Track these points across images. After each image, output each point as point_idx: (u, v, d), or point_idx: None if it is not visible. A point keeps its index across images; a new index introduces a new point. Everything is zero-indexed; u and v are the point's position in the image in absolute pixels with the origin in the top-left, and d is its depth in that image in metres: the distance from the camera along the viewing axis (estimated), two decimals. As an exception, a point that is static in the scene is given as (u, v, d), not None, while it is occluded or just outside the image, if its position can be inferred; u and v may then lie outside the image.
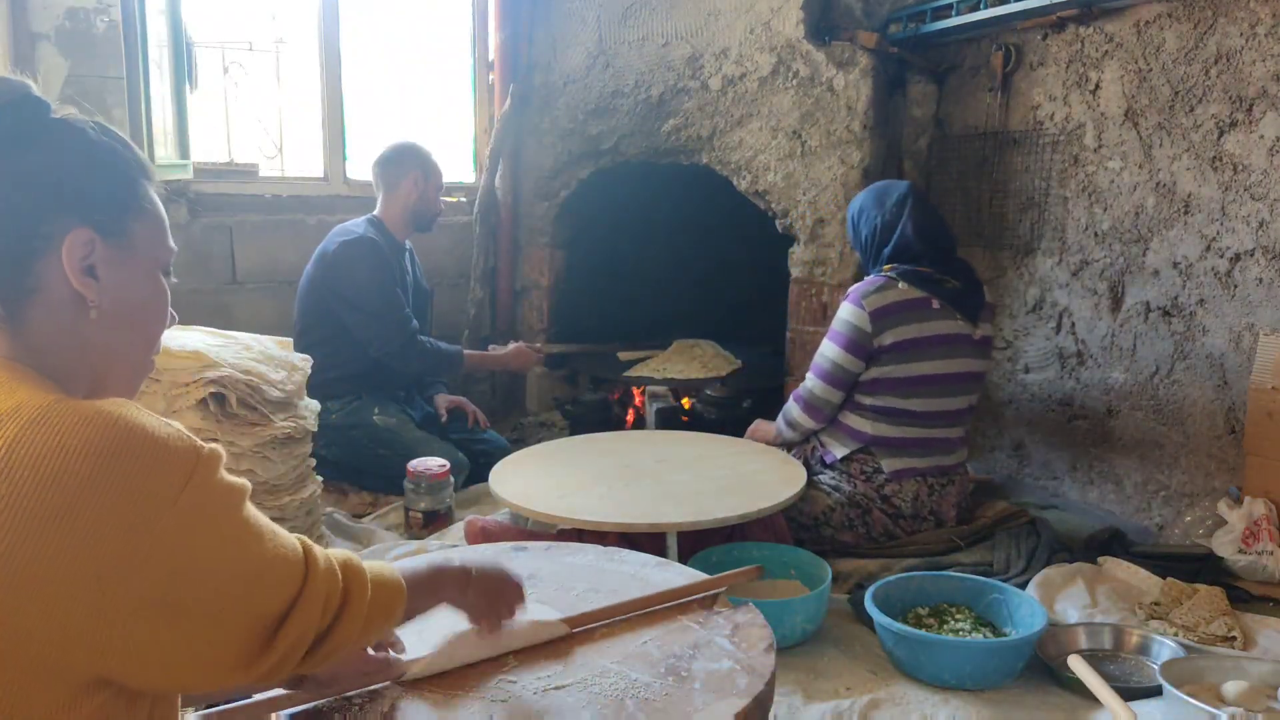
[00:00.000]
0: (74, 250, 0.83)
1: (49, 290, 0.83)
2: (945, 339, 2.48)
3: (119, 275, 0.86)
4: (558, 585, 1.42)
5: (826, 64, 3.13)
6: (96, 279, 0.84)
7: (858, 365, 2.48)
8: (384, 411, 2.98)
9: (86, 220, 0.84)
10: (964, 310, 2.51)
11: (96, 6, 2.92)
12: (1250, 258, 2.49)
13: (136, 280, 0.89)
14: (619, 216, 4.12)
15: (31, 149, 0.83)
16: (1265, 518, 2.29)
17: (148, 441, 0.76)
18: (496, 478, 2.34)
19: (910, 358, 2.45)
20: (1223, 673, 1.72)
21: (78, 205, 0.84)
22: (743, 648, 1.23)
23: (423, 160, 3.16)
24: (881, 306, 2.44)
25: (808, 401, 2.56)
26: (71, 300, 0.83)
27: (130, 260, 0.88)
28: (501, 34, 3.83)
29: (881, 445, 2.49)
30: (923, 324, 2.46)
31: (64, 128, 0.86)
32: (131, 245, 0.88)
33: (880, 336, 2.44)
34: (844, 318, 2.49)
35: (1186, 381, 2.67)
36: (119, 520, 0.73)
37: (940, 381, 2.48)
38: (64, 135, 0.85)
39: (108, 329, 0.86)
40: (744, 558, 2.21)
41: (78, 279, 0.83)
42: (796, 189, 3.25)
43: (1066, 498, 3.03)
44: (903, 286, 2.47)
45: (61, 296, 0.83)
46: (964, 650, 1.86)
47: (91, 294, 0.84)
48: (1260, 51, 2.42)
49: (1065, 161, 2.95)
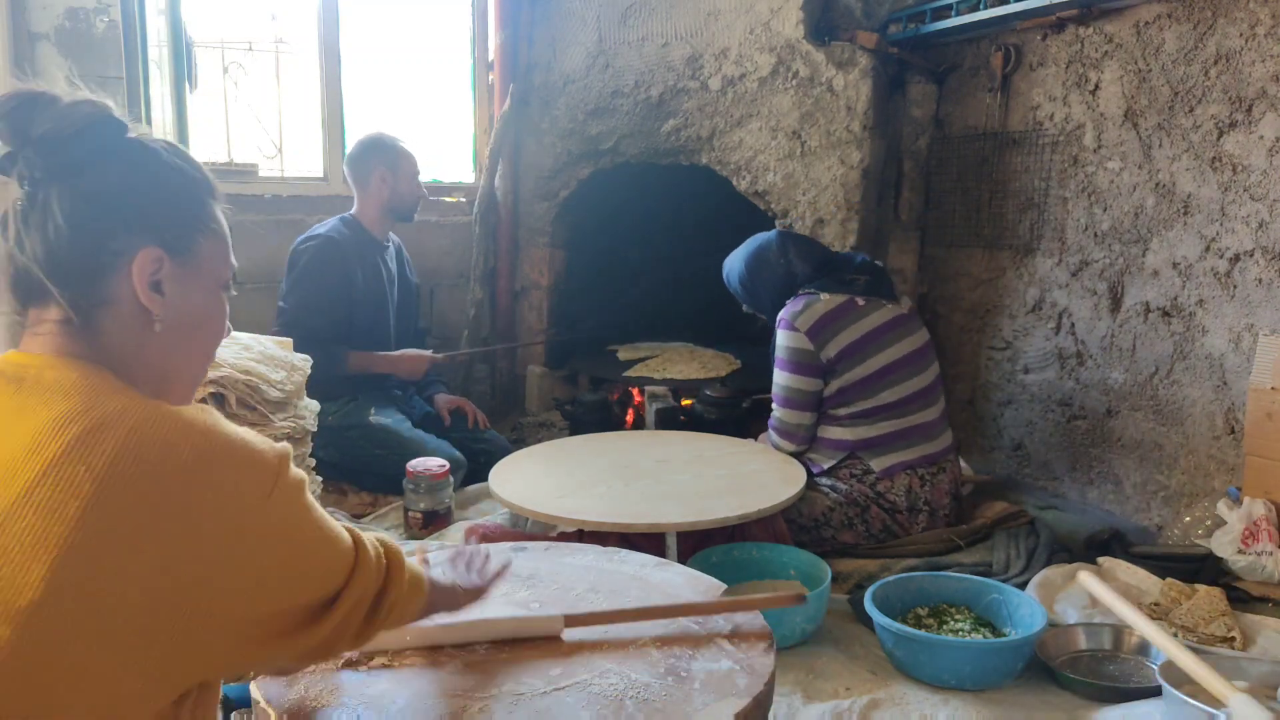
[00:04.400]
0: (144, 268, 0.86)
1: (119, 302, 0.86)
2: (885, 326, 2.54)
3: (183, 291, 0.90)
4: (558, 585, 1.42)
5: (826, 64, 3.13)
6: (162, 294, 0.88)
7: (814, 384, 2.53)
8: (380, 412, 2.98)
9: (156, 239, 0.87)
10: (883, 294, 2.60)
11: (96, 6, 2.92)
12: (1250, 258, 2.49)
13: (199, 296, 0.93)
14: (619, 217, 4.12)
15: (108, 169, 0.86)
16: (1265, 518, 2.29)
17: (242, 446, 0.81)
18: (496, 478, 2.33)
19: (864, 356, 2.50)
20: (1222, 673, 1.72)
21: (149, 224, 0.87)
22: (742, 648, 1.23)
23: (387, 152, 3.09)
24: (814, 323, 2.50)
25: (781, 429, 2.61)
26: (139, 313, 0.87)
27: (195, 277, 0.92)
28: (501, 34, 3.83)
29: (865, 448, 2.51)
30: (858, 323, 2.52)
31: (138, 148, 0.89)
32: (197, 263, 0.92)
33: (824, 350, 2.49)
34: (784, 344, 2.55)
35: (1186, 382, 2.67)
36: (222, 518, 0.78)
37: (901, 365, 2.53)
38: (138, 155, 0.89)
39: (170, 341, 0.90)
40: (744, 558, 2.22)
41: (145, 294, 0.87)
42: (796, 189, 3.26)
43: (1066, 498, 3.03)
44: (825, 297, 2.54)
45: (130, 309, 0.87)
46: (964, 650, 1.86)
47: (157, 309, 0.88)
48: (1260, 52, 2.42)
49: (1065, 162, 2.95)
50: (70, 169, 0.84)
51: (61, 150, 0.84)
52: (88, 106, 0.86)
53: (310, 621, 0.87)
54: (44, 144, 0.84)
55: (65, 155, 0.84)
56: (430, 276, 3.86)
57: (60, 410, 0.77)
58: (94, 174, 0.85)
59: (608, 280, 4.32)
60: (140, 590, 0.73)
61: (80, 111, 0.85)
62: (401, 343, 3.25)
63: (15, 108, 0.84)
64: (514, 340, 4.12)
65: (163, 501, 0.75)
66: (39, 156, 0.84)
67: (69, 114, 0.85)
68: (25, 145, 0.84)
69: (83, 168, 0.85)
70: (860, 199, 3.18)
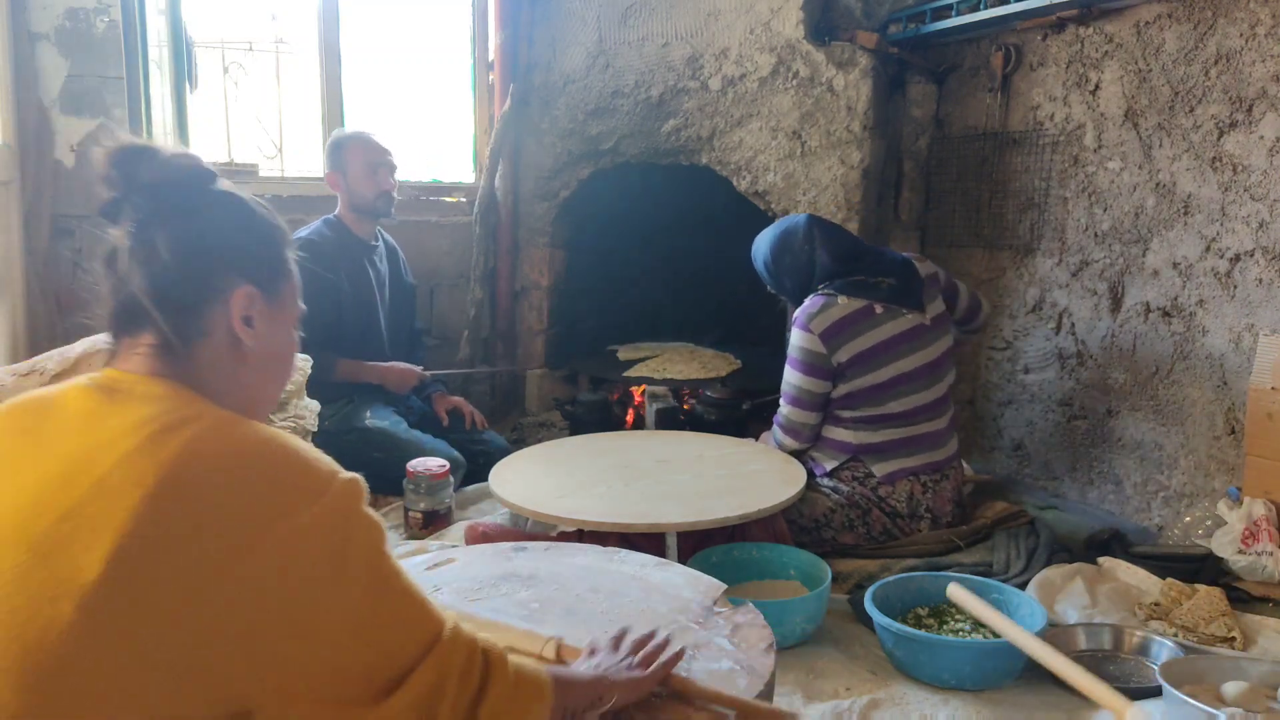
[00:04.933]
0: (240, 303, 0.95)
1: (215, 334, 0.94)
2: (900, 338, 2.50)
3: (269, 327, 0.99)
4: (558, 585, 1.42)
5: (826, 64, 3.13)
6: (253, 328, 0.96)
7: (823, 385, 2.51)
8: (375, 414, 2.97)
9: (251, 278, 0.96)
10: (907, 302, 2.53)
11: (96, 6, 2.91)
12: (1250, 258, 2.49)
13: (281, 332, 1.02)
14: (619, 217, 4.12)
15: (204, 215, 0.95)
16: (1265, 518, 2.29)
17: (294, 458, 0.85)
18: (496, 478, 2.33)
19: (875, 365, 2.47)
20: (1222, 673, 1.72)
21: (244, 266, 0.96)
22: (743, 648, 1.23)
23: (334, 152, 3.06)
24: (828, 327, 2.47)
25: (786, 427, 2.59)
26: (231, 344, 0.95)
27: (278, 314, 1.01)
28: (501, 34, 3.83)
29: (868, 452, 2.50)
30: (872, 332, 2.48)
31: (228, 198, 0.99)
32: (280, 302, 1.01)
33: (836, 354, 2.46)
34: (797, 344, 2.52)
35: (1186, 382, 2.67)
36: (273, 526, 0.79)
37: (912, 378, 2.50)
38: (229, 203, 0.98)
39: (255, 370, 0.98)
40: (744, 558, 2.22)
41: (240, 327, 0.95)
42: (796, 189, 3.26)
43: (1066, 498, 3.03)
44: (843, 301, 2.50)
45: (224, 340, 0.95)
46: (964, 650, 1.86)
47: (249, 340, 0.96)
48: (1260, 52, 2.42)
49: (1065, 162, 2.95)
50: (177, 213, 0.93)
51: (168, 196, 0.93)
52: (186, 159, 0.96)
53: (372, 696, 0.82)
54: (152, 191, 0.93)
55: (171, 201, 0.93)
56: (430, 276, 3.86)
57: (143, 414, 0.84)
58: (199, 218, 0.94)
59: (608, 280, 4.32)
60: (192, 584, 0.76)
61: (182, 163, 0.95)
62: (395, 344, 3.24)
63: (125, 158, 0.93)
64: (514, 341, 4.12)
65: (218, 500, 0.79)
66: (146, 201, 0.92)
67: (172, 164, 0.94)
68: (133, 192, 0.92)
69: (188, 213, 0.94)
70: (860, 199, 3.19)
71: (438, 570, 1.50)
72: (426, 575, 1.47)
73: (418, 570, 1.49)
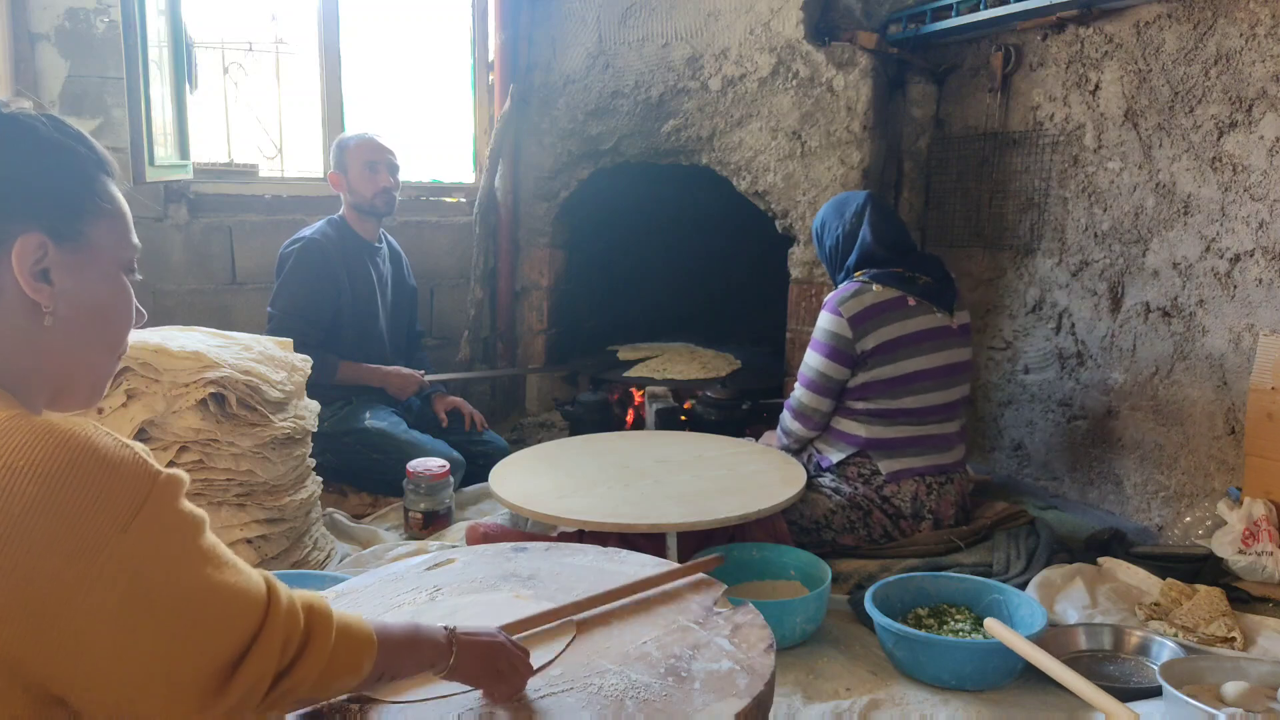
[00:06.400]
0: (24, 255, 0.78)
1: (1, 296, 0.79)
2: (927, 334, 2.50)
3: (76, 279, 0.82)
4: (558, 586, 1.42)
5: (826, 64, 3.13)
6: (50, 284, 0.80)
7: (843, 373, 2.50)
8: (374, 415, 2.97)
9: (37, 223, 0.79)
10: (939, 302, 2.54)
11: (96, 6, 2.92)
12: (1250, 258, 2.49)
13: (95, 283, 0.84)
14: (619, 217, 4.12)
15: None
16: (1265, 518, 2.29)
17: (100, 465, 0.72)
18: (496, 478, 2.33)
19: (896, 357, 2.47)
20: (1222, 673, 1.72)
21: (27, 208, 0.79)
22: (743, 648, 1.23)
23: (336, 154, 3.09)
24: (859, 311, 2.46)
25: (797, 411, 2.58)
26: (25, 307, 0.79)
27: (88, 263, 0.83)
28: (501, 34, 3.83)
29: (876, 447, 2.50)
30: (903, 322, 2.48)
31: (13, 125, 0.80)
32: (89, 247, 0.83)
33: (862, 341, 2.46)
34: (824, 326, 2.52)
35: (1186, 382, 2.67)
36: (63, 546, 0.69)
37: (930, 376, 2.50)
38: (12, 133, 0.80)
39: (65, 335, 0.82)
40: (743, 558, 2.22)
41: (30, 285, 0.79)
42: (796, 189, 3.26)
43: (1066, 498, 3.03)
44: (877, 289, 2.50)
45: (14, 303, 0.79)
46: (964, 651, 1.86)
47: (45, 300, 0.80)
48: (1260, 52, 2.42)
49: (1065, 162, 2.95)
50: None
51: None
52: None
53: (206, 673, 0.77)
54: None
55: None
56: (430, 277, 3.86)
57: None
58: None
59: (608, 280, 4.32)
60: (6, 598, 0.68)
61: None
62: (395, 346, 3.24)
63: None
64: (514, 341, 4.12)
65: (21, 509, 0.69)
66: None
67: None
68: None
69: None
70: (860, 199, 3.18)
71: (438, 570, 1.50)
72: (427, 575, 1.47)
73: (418, 571, 1.49)
